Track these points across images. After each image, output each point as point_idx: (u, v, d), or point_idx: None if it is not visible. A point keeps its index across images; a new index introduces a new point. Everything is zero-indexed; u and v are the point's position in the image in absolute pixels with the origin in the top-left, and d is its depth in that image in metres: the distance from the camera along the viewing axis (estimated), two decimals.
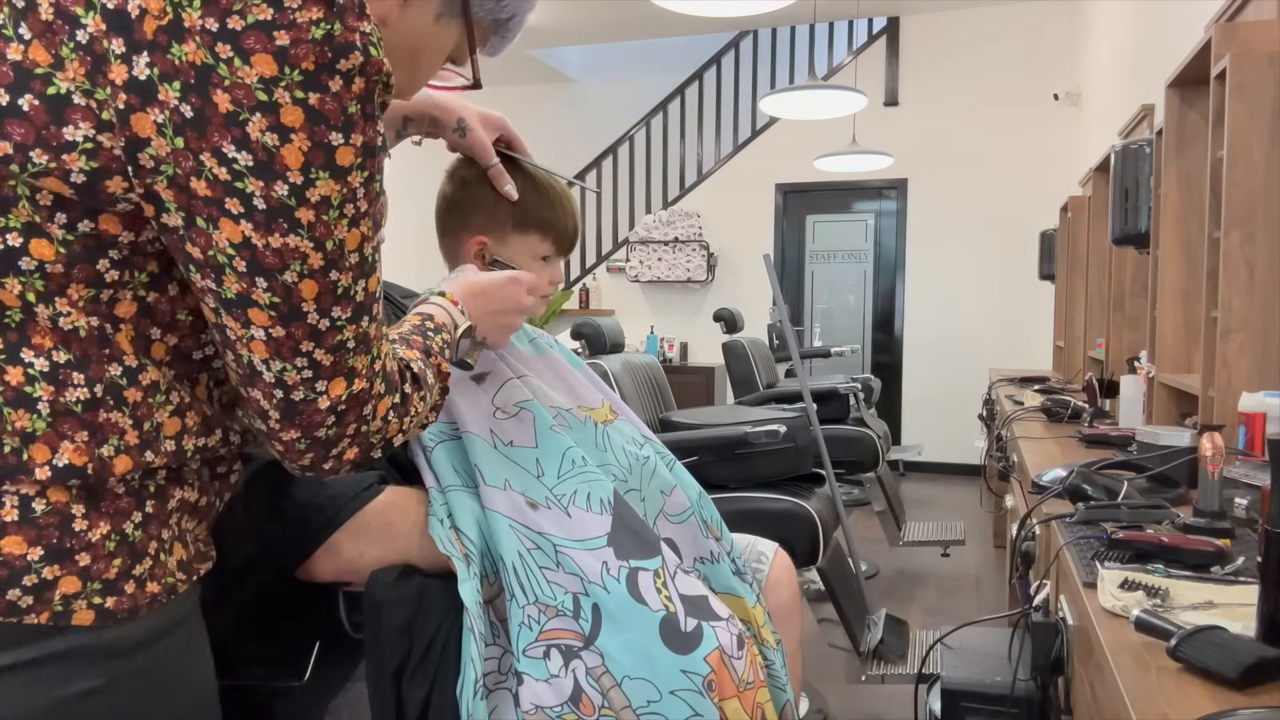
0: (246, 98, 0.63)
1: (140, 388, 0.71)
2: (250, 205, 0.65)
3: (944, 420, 6.55)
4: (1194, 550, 1.14)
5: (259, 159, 0.64)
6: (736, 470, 2.55)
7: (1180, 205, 2.32)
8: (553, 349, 1.37)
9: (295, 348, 0.70)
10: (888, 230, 6.93)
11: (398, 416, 0.81)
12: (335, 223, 0.68)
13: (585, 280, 7.69)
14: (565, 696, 1.06)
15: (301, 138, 0.65)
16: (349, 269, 0.70)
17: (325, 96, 0.64)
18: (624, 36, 7.24)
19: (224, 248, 0.66)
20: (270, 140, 0.64)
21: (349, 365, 0.74)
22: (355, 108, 0.66)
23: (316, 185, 0.66)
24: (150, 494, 0.74)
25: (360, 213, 0.70)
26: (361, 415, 0.76)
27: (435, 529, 1.10)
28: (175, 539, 0.77)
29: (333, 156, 0.66)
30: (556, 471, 1.16)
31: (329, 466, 0.78)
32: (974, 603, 3.70)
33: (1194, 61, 2.08)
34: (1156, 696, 0.80)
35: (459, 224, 1.29)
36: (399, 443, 0.84)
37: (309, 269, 0.68)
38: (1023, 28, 6.35)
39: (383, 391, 0.78)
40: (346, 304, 0.71)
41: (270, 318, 0.69)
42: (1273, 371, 1.73)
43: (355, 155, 0.67)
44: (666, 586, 1.11)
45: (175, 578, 0.76)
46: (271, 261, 0.67)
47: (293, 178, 0.65)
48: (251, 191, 0.65)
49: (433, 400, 0.90)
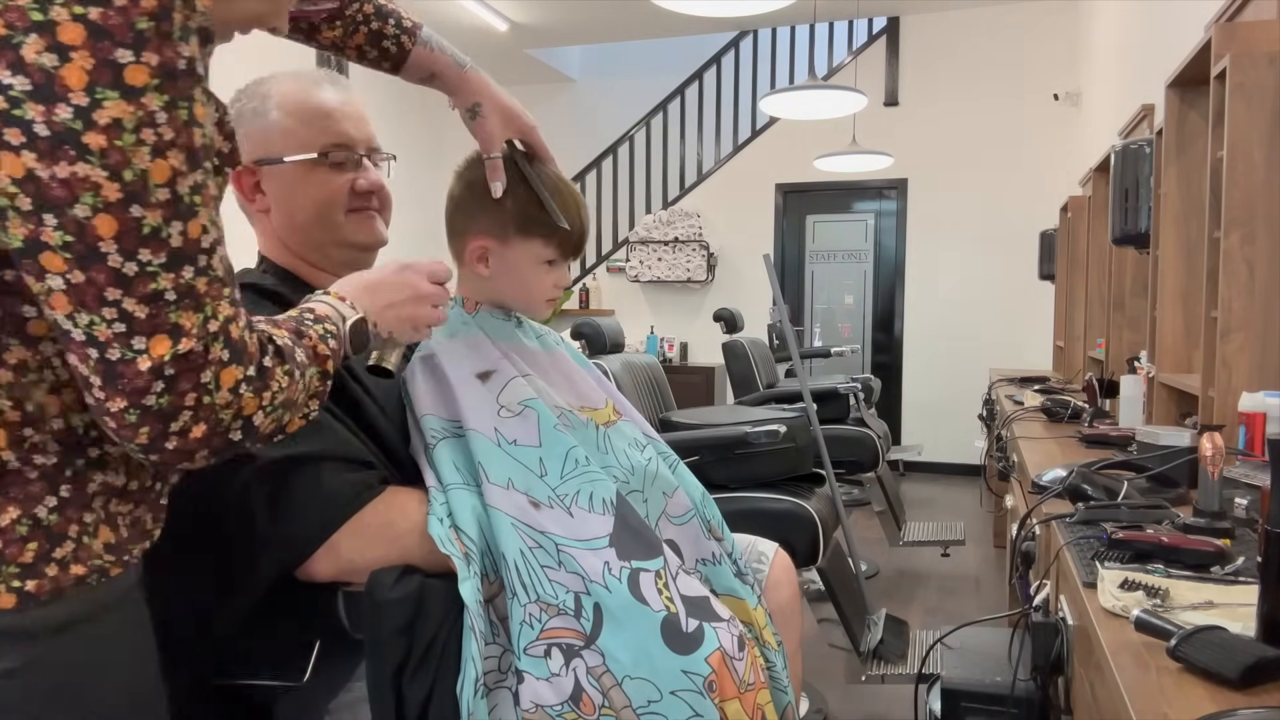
0: (20, 19, 0.60)
1: (8, 368, 0.70)
2: (31, 132, 0.61)
3: (944, 420, 6.55)
4: (1194, 550, 1.14)
5: (36, 81, 0.60)
6: (736, 470, 2.55)
7: (1180, 205, 2.32)
8: (560, 346, 1.37)
9: (99, 295, 0.65)
10: (888, 230, 6.93)
11: (253, 392, 0.74)
12: (132, 150, 0.63)
13: (585, 280, 7.69)
14: (566, 695, 1.06)
15: (83, 55, 0.61)
16: (156, 205, 0.65)
17: (108, 11, 0.61)
18: (624, 36, 7.24)
19: (4, 187, 0.62)
20: (48, 61, 0.60)
21: (171, 321, 0.67)
22: (147, 24, 0.62)
23: (104, 106, 0.62)
24: (66, 478, 0.73)
25: (165, 141, 0.64)
26: (200, 383, 0.69)
27: (434, 528, 1.10)
28: (101, 522, 0.75)
29: (120, 75, 0.62)
30: (560, 471, 1.16)
31: (172, 446, 0.70)
32: (974, 603, 3.70)
33: (1194, 61, 2.08)
34: (1156, 696, 0.80)
35: (464, 226, 1.29)
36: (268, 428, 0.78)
37: (103, 201, 0.63)
38: (1023, 28, 6.35)
39: (225, 359, 0.71)
40: (158, 247, 0.66)
41: (65, 261, 0.63)
42: (1273, 371, 1.73)
43: (150, 75, 0.63)
44: (668, 587, 1.11)
45: (103, 560, 0.75)
46: (59, 194, 0.62)
47: (76, 99, 0.61)
48: (31, 118, 0.61)
49: (308, 384, 0.83)
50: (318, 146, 1.22)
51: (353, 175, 1.24)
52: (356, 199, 1.25)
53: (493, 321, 1.29)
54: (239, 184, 1.23)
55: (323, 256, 1.27)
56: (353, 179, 1.24)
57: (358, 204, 1.25)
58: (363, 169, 1.25)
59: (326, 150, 1.22)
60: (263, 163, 1.22)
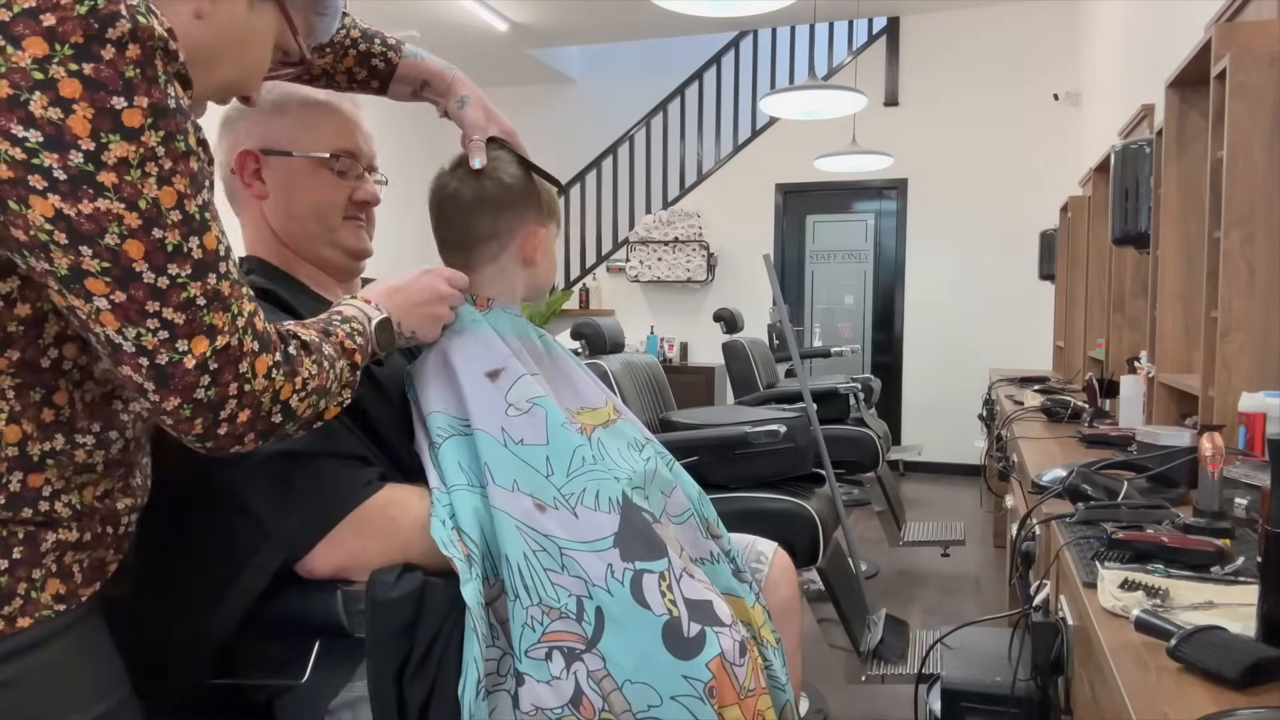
0: (23, 80, 0.67)
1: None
2: (52, 178, 0.69)
3: (944, 420, 6.55)
4: (1194, 550, 1.14)
5: (47, 133, 0.68)
6: (736, 470, 2.55)
7: (1180, 205, 2.32)
8: (556, 349, 1.38)
9: (141, 309, 0.74)
10: (888, 230, 6.93)
11: (285, 376, 0.84)
12: (141, 181, 0.71)
13: (585, 280, 7.69)
14: (566, 699, 1.06)
15: (84, 106, 0.68)
16: (173, 226, 0.74)
17: (99, 65, 0.68)
18: (624, 36, 7.24)
19: (41, 225, 0.70)
20: (54, 114, 0.68)
21: (206, 322, 0.77)
22: (134, 72, 0.70)
23: (110, 148, 0.70)
24: (19, 540, 0.78)
25: (168, 170, 0.73)
26: (239, 373, 0.79)
27: (437, 530, 1.10)
28: (51, 575, 0.80)
29: (119, 119, 0.70)
30: (566, 469, 1.16)
31: (224, 432, 0.81)
32: (974, 603, 3.70)
33: (1194, 61, 2.08)
34: (1156, 696, 0.80)
35: (512, 223, 1.31)
36: (305, 412, 0.88)
37: (128, 229, 0.71)
38: (1023, 28, 6.34)
39: (256, 349, 0.81)
40: (183, 261, 0.75)
41: (107, 284, 0.72)
42: (1273, 371, 1.73)
43: (144, 116, 0.71)
44: (671, 590, 1.11)
45: (52, 609, 0.80)
46: (88, 228, 0.70)
47: (84, 144, 0.69)
48: (49, 165, 0.68)
49: (339, 374, 0.93)
50: (328, 149, 1.25)
51: (353, 185, 1.29)
52: (353, 208, 1.29)
53: (505, 318, 1.29)
54: (240, 166, 1.25)
55: (313, 252, 1.29)
56: (353, 188, 1.29)
57: (352, 212, 1.30)
58: (363, 181, 1.30)
59: (337, 154, 1.26)
60: (270, 152, 1.24)
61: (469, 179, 1.30)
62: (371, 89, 1.34)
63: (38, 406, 0.79)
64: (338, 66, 1.29)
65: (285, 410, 0.85)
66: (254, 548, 1.07)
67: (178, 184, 0.73)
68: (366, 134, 1.32)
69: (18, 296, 0.76)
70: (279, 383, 0.83)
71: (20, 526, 0.78)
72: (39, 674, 0.79)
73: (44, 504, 0.80)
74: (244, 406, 0.81)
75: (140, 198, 0.71)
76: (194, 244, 0.75)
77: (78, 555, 0.83)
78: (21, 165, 0.68)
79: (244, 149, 1.23)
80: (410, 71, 1.33)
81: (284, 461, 1.07)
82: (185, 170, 0.74)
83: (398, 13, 6.04)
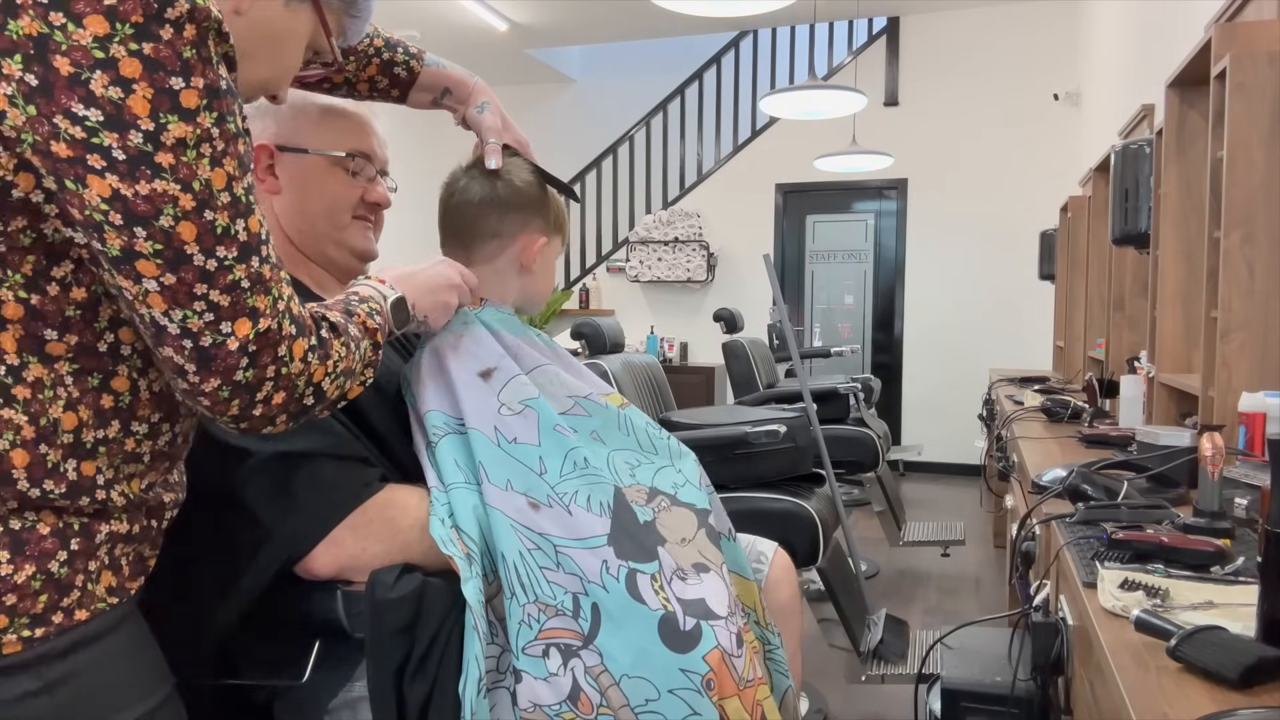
0: (84, 58, 0.67)
1: (27, 385, 0.75)
2: (111, 158, 0.69)
3: (944, 420, 6.55)
4: (1194, 550, 1.13)
5: (108, 112, 0.68)
6: (736, 470, 2.55)
7: (1180, 205, 2.32)
8: (555, 347, 1.38)
9: (190, 292, 0.74)
10: (888, 230, 6.93)
11: (319, 360, 0.85)
12: (196, 163, 0.71)
13: (585, 280, 7.69)
14: (564, 695, 1.06)
15: (144, 86, 0.68)
16: (223, 208, 0.74)
17: (159, 45, 0.68)
18: (624, 36, 7.24)
19: (97, 204, 0.70)
20: (115, 94, 0.68)
21: (249, 305, 0.77)
22: (190, 52, 0.70)
23: (169, 129, 0.70)
24: (75, 531, 0.78)
25: (220, 152, 0.73)
26: (277, 355, 0.80)
27: (436, 528, 1.10)
28: (104, 568, 0.81)
29: (177, 99, 0.70)
30: (559, 470, 1.16)
31: (259, 413, 0.81)
32: (974, 603, 3.70)
33: (1194, 61, 2.08)
34: (1156, 696, 0.80)
35: (515, 225, 1.32)
36: (334, 393, 0.89)
37: (182, 211, 0.71)
38: (1023, 28, 6.34)
39: (294, 333, 0.81)
40: (230, 243, 0.75)
41: (158, 266, 0.72)
42: (1273, 371, 1.73)
43: (200, 97, 0.71)
44: (664, 589, 1.11)
45: (105, 601, 0.81)
46: (144, 209, 0.70)
47: (144, 124, 0.69)
48: (109, 145, 0.68)
49: (363, 354, 0.94)
50: (345, 148, 1.27)
51: (366, 186, 1.30)
52: (363, 208, 1.31)
53: (498, 317, 1.29)
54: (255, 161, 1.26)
55: (319, 251, 1.29)
56: (365, 189, 1.30)
57: (363, 213, 1.31)
58: (375, 183, 1.32)
59: (353, 154, 1.27)
60: (285, 149, 1.25)
61: (482, 178, 1.32)
62: (391, 97, 1.35)
63: (96, 392, 0.79)
64: (360, 74, 1.30)
65: (317, 392, 0.86)
66: (254, 548, 1.07)
67: (228, 166, 0.74)
68: (381, 138, 1.33)
69: (72, 280, 0.76)
70: (313, 366, 0.84)
71: (76, 517, 0.78)
72: (95, 669, 0.79)
73: (100, 493, 0.80)
74: (279, 389, 0.81)
75: (195, 179, 0.71)
76: (240, 226, 0.75)
77: (126, 548, 0.84)
78: (81, 144, 0.68)
79: (260, 143, 1.25)
80: (432, 80, 1.35)
81: (284, 462, 1.07)
82: (234, 152, 0.75)
83: (398, 13, 6.03)
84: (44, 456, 0.76)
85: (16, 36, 0.66)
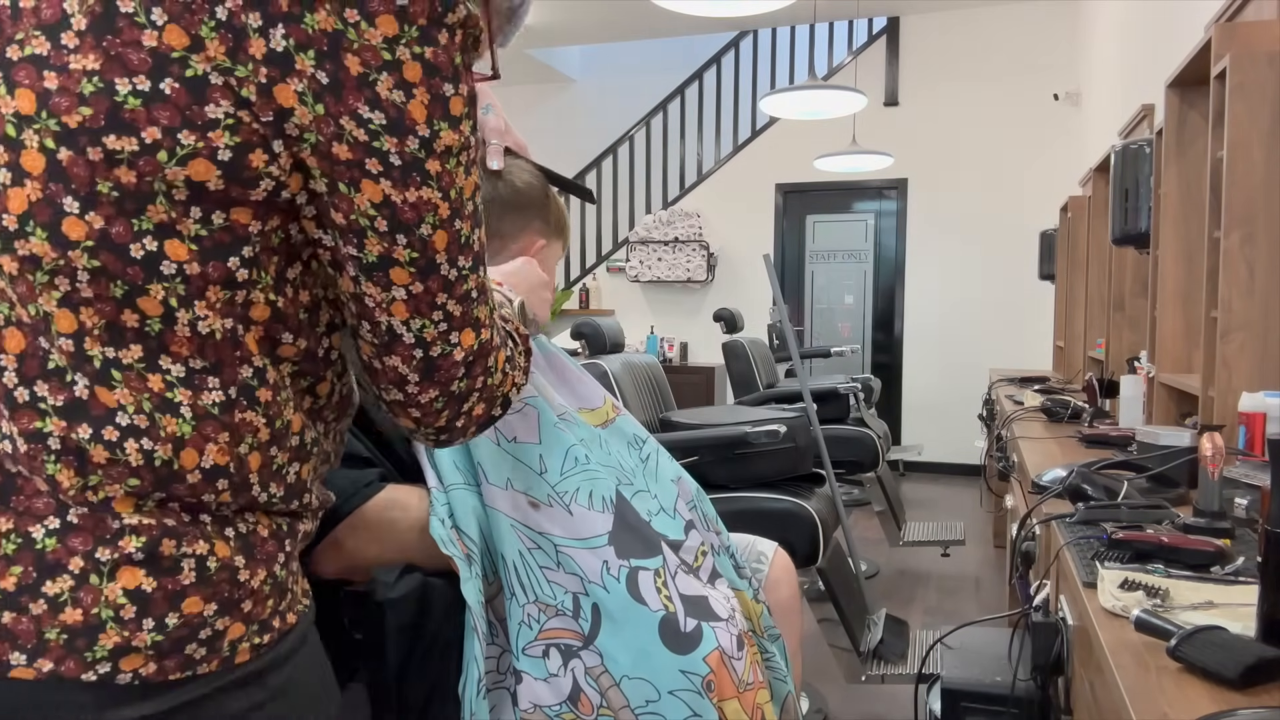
0: (374, 58, 0.65)
1: (269, 387, 0.73)
2: (388, 163, 0.67)
3: (944, 420, 6.55)
4: (1194, 550, 1.14)
5: (391, 116, 0.66)
6: (736, 470, 2.55)
7: (1180, 205, 2.32)
8: (550, 348, 1.38)
9: (432, 301, 0.73)
10: (888, 230, 6.93)
11: (511, 369, 0.84)
12: (455, 171, 0.70)
13: (585, 280, 7.69)
14: (564, 695, 1.06)
15: (422, 91, 0.67)
16: (468, 217, 0.73)
17: (437, 50, 0.67)
18: (624, 36, 7.24)
19: (365, 210, 0.68)
20: (398, 97, 0.66)
21: (474, 315, 0.76)
22: (459, 59, 0.69)
23: (440, 136, 0.68)
24: (285, 533, 0.77)
25: (471, 160, 0.72)
26: (486, 367, 0.79)
27: (436, 529, 1.10)
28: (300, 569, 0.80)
29: (448, 107, 0.68)
30: (559, 468, 1.16)
31: (461, 424, 0.81)
32: (974, 603, 3.70)
33: (1194, 61, 2.08)
34: (1156, 696, 0.80)
35: (515, 226, 1.31)
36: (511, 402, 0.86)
37: (439, 219, 0.71)
38: (1023, 28, 6.35)
39: (499, 343, 0.81)
40: (468, 253, 0.74)
41: (410, 274, 0.71)
42: (1273, 371, 1.73)
43: (464, 104, 0.70)
44: (667, 586, 1.11)
45: (303, 604, 0.80)
46: (409, 216, 0.69)
47: (421, 130, 0.67)
48: (388, 149, 0.67)
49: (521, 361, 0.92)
50: None
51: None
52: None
53: None
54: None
55: None
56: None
57: None
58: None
59: None
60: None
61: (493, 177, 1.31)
62: None
63: (302, 394, 0.77)
64: None
65: (504, 403, 0.84)
66: None
67: (474, 174, 0.73)
68: None
69: (300, 283, 0.74)
70: (509, 377, 0.83)
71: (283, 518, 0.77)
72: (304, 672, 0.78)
73: (306, 495, 0.79)
74: (482, 400, 0.80)
75: (453, 187, 0.71)
76: (476, 235, 0.74)
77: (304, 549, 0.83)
78: (362, 147, 0.66)
79: None
80: None
81: None
82: (477, 160, 0.74)
83: None
84: (273, 459, 0.74)
85: (312, 30, 0.64)
